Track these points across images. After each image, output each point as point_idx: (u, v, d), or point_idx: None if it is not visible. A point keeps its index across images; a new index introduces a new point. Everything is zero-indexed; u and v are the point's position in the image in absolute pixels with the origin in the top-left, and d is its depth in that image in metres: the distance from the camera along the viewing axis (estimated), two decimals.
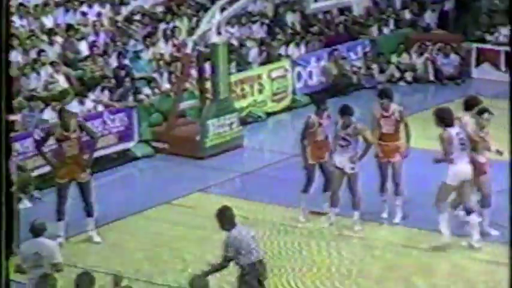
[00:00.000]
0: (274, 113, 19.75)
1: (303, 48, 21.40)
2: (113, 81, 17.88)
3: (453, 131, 12.25)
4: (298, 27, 22.61)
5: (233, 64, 19.25)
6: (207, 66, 17.53)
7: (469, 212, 12.51)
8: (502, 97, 18.67)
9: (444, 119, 12.33)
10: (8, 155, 4.58)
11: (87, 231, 13.17)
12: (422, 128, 16.19)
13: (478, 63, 22.38)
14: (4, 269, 4.40)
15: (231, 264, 9.94)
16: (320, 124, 13.46)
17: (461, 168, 12.26)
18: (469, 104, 13.19)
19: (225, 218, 9.90)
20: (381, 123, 13.34)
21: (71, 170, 12.89)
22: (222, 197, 13.96)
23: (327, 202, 13.55)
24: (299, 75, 20.64)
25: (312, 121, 13.48)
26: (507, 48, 22.06)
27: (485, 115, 12.78)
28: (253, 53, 20.60)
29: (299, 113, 19.82)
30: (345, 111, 13.09)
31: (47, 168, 15.38)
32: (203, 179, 15.71)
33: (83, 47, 18.94)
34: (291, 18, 22.82)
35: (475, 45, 22.54)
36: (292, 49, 21.16)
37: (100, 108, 17.05)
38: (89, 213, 13.10)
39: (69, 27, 19.25)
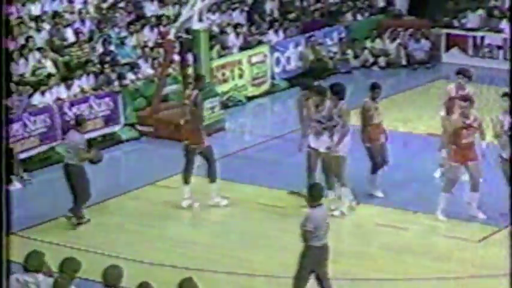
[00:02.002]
0: (254, 97, 20.03)
1: (281, 35, 21.89)
2: (98, 66, 18.31)
3: None
4: (276, 14, 23.14)
5: (214, 50, 19.70)
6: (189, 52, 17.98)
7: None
8: (471, 81, 19.41)
9: None
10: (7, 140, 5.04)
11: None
12: (398, 111, 16.84)
13: (448, 48, 22.83)
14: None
15: None
16: (376, 108, 13.89)
17: None
18: None
19: (315, 193, 10.26)
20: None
21: None
22: (204, 179, 14.15)
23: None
24: (278, 61, 21.03)
25: (368, 106, 13.84)
26: (474, 33, 22.68)
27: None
28: (232, 38, 21.04)
29: (278, 97, 20.42)
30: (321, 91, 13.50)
31: (36, 151, 15.96)
32: None
33: (69, 34, 19.26)
34: (269, 5, 23.30)
35: (444, 30, 22.96)
36: (270, 35, 21.64)
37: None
38: None
39: (56, 14, 19.51)
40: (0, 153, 4.89)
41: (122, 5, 20.96)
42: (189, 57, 17.75)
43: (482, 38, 22.56)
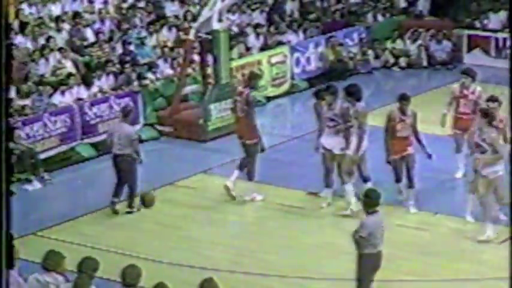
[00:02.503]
0: (274, 98, 20.05)
1: (301, 35, 21.85)
2: (118, 66, 18.37)
3: None
4: (296, 15, 23.11)
5: (234, 50, 19.71)
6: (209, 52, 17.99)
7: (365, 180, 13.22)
8: (492, 82, 19.33)
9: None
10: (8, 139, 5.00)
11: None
12: (419, 112, 16.70)
13: (469, 49, 22.73)
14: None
15: None
16: (402, 120, 13.53)
17: None
18: None
19: (371, 199, 10.06)
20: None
21: None
22: (224, 178, 14.28)
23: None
24: (297, 61, 20.99)
25: (394, 116, 13.53)
26: (496, 34, 22.60)
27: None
28: (252, 39, 21.03)
29: (297, 98, 20.39)
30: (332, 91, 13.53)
31: (56, 151, 16.02)
32: (206, 161, 16.08)
33: (90, 34, 19.34)
34: (289, 6, 23.29)
35: (466, 31, 22.88)
36: (290, 35, 21.60)
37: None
38: None
39: (76, 14, 19.59)
40: (0, 153, 4.87)
41: (141, 5, 21.00)
42: (209, 57, 17.76)
43: (505, 39, 22.40)
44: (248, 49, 20.43)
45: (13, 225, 5.25)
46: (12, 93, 15.90)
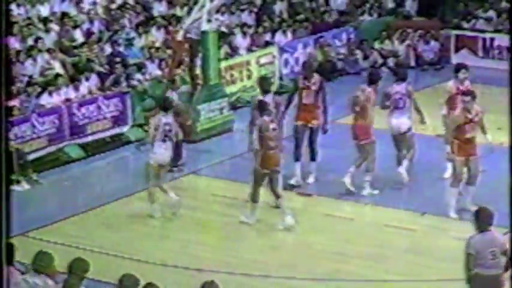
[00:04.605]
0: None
1: (289, 35, 21.92)
2: (107, 67, 18.34)
3: None
4: (285, 15, 23.16)
5: (222, 50, 19.73)
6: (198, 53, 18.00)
7: None
8: (480, 82, 19.41)
9: None
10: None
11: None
12: None
13: (457, 49, 22.83)
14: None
15: None
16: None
17: None
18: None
19: (481, 217, 9.60)
20: None
21: None
22: (213, 179, 14.44)
23: None
24: (286, 62, 21.06)
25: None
26: (484, 35, 22.70)
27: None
28: (239, 39, 21.03)
29: (286, 98, 20.34)
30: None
31: (44, 152, 15.99)
32: (195, 162, 16.05)
33: (78, 35, 19.32)
34: (278, 6, 23.32)
35: (453, 32, 23.00)
36: (279, 36, 21.65)
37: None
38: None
39: (64, 15, 19.57)
40: (0, 153, 4.87)
41: (130, 4, 20.97)
42: (198, 58, 17.77)
43: (492, 39, 22.52)
44: (234, 49, 20.38)
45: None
46: None
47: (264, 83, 14.56)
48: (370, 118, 14.10)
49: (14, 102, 16.14)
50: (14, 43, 18.00)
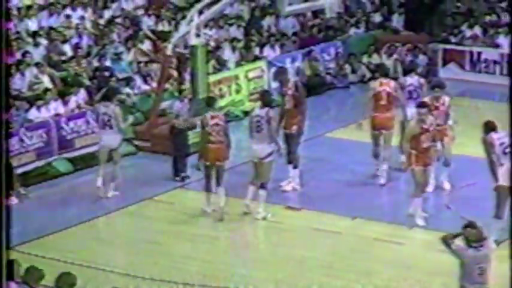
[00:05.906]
0: (252, 112, 20.22)
1: (278, 50, 22.00)
2: (95, 81, 18.36)
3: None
4: (273, 30, 23.24)
5: (211, 65, 19.78)
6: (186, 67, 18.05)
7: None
8: (468, 95, 19.52)
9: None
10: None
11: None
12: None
13: (445, 63, 22.93)
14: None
15: None
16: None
17: None
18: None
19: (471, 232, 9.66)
20: None
21: None
22: (201, 193, 14.32)
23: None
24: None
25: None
26: (471, 48, 22.80)
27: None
28: (228, 53, 21.07)
29: (275, 112, 20.36)
30: None
31: (32, 166, 15.97)
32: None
33: (67, 49, 19.36)
34: (267, 21, 23.39)
35: (441, 46, 23.10)
36: (267, 50, 21.74)
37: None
38: None
39: (51, 29, 19.61)
40: (0, 167, 4.90)
41: (119, 20, 21.03)
42: (186, 72, 17.80)
43: (479, 53, 22.63)
44: (221, 63, 20.43)
45: None
46: None
47: (265, 96, 14.77)
48: None
49: (6, 116, 16.10)
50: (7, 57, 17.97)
